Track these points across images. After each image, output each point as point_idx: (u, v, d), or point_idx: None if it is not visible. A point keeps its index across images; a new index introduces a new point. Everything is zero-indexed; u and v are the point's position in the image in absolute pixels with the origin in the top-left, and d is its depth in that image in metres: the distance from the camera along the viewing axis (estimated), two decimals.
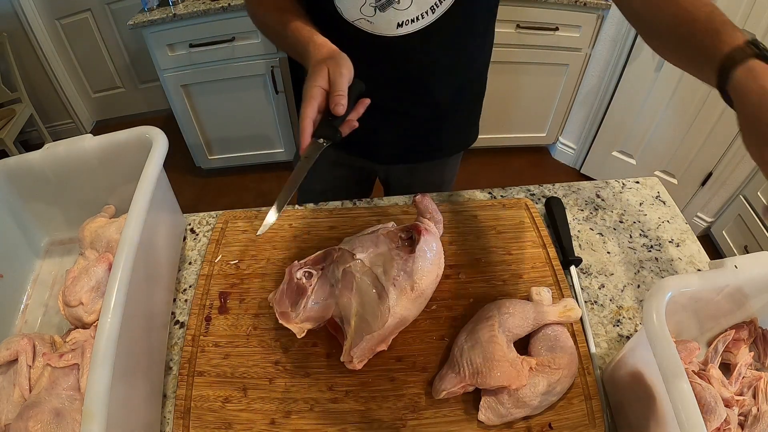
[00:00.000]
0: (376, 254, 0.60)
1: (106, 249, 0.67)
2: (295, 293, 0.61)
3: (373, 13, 0.68)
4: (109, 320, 0.47)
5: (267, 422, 0.57)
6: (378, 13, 0.68)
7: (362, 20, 0.69)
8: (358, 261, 0.59)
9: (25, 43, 2.43)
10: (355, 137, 0.61)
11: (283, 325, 0.60)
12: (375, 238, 0.62)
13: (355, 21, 0.70)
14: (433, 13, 0.68)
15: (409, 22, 0.69)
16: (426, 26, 0.70)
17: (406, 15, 0.68)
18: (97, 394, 0.42)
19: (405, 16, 0.68)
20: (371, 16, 0.69)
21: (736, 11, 1.56)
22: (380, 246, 0.61)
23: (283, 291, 0.61)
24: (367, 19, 0.69)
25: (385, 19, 0.69)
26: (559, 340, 0.59)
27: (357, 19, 0.69)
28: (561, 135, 2.44)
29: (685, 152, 1.97)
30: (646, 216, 0.82)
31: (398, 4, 0.67)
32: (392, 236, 0.62)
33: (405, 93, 0.80)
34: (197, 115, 2.18)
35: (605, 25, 1.94)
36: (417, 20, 0.69)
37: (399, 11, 0.68)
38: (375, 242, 0.61)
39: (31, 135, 2.64)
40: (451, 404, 0.58)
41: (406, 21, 0.69)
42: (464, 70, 0.81)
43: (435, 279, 0.61)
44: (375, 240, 0.62)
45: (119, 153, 0.70)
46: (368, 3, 0.67)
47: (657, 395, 0.48)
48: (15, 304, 0.71)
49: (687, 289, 0.49)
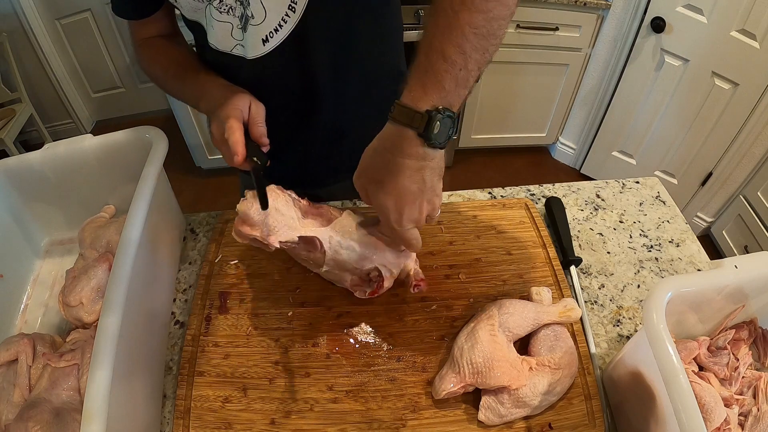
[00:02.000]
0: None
1: (106, 249, 0.67)
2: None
3: (241, 36, 0.63)
4: (109, 320, 0.47)
5: (267, 422, 0.57)
6: (244, 35, 0.63)
7: (238, 46, 0.65)
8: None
9: (25, 43, 2.42)
10: (272, 173, 0.62)
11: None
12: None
13: (231, 50, 0.65)
14: (294, 12, 0.60)
15: (273, 33, 0.62)
16: (292, 31, 0.62)
17: (266, 28, 0.62)
18: (97, 394, 0.42)
19: (265, 29, 0.62)
20: (242, 40, 0.64)
21: (736, 11, 1.56)
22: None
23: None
24: (240, 44, 0.64)
25: (250, 39, 0.63)
26: (559, 340, 0.59)
27: (233, 47, 0.65)
28: (561, 135, 2.44)
29: (685, 152, 1.97)
30: (646, 216, 0.82)
31: (254, 19, 0.61)
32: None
33: (295, 112, 0.73)
34: (197, 115, 2.18)
35: (605, 25, 1.95)
36: (280, 27, 0.62)
37: (257, 26, 0.61)
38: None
39: (31, 135, 2.64)
40: (451, 404, 0.58)
41: (270, 34, 0.62)
42: (358, 66, 0.70)
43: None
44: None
45: (119, 153, 0.70)
46: (236, 26, 0.62)
47: (657, 395, 0.48)
48: (15, 304, 0.71)
49: (687, 289, 0.49)
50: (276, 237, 0.55)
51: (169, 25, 0.74)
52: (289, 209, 0.58)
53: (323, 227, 0.60)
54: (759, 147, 1.73)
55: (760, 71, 1.60)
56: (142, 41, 0.73)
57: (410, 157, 0.47)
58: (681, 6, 1.69)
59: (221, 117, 0.58)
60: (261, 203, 0.54)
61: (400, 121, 0.46)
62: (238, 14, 0.61)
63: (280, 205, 0.57)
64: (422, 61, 0.45)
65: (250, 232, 0.55)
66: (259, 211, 0.55)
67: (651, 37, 1.83)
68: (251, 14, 0.60)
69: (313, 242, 0.59)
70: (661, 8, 1.74)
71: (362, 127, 0.64)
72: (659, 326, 0.44)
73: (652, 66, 1.88)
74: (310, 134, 0.77)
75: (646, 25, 1.80)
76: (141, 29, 0.72)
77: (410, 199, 0.49)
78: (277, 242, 0.55)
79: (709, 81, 1.75)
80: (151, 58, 0.72)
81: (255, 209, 0.55)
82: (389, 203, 0.50)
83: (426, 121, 0.45)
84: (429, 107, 0.45)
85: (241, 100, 0.60)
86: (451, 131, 0.46)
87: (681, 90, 1.85)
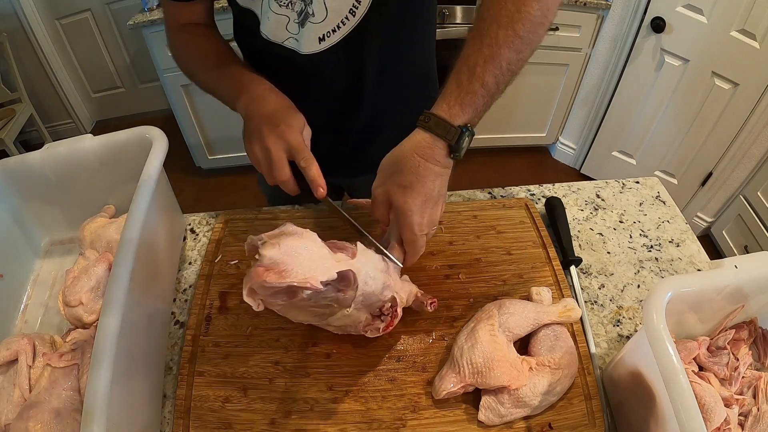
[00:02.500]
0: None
1: (106, 249, 0.67)
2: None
3: (297, 30, 0.65)
4: (109, 320, 0.47)
5: (267, 422, 0.57)
6: (301, 30, 0.64)
7: (290, 39, 0.66)
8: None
9: (25, 43, 2.43)
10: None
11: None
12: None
13: (283, 42, 0.67)
14: (354, 16, 0.63)
15: (331, 33, 0.64)
16: (349, 33, 0.65)
17: (325, 27, 0.64)
18: (97, 394, 0.42)
19: (324, 28, 0.64)
20: (296, 34, 0.65)
21: (736, 11, 1.56)
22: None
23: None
24: (294, 38, 0.66)
25: (306, 35, 0.65)
26: (559, 340, 0.59)
27: (285, 39, 0.66)
28: (561, 135, 2.44)
29: (685, 152, 1.97)
30: (646, 216, 0.82)
31: (314, 17, 0.62)
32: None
33: (339, 108, 0.76)
34: (197, 115, 2.18)
35: (605, 25, 1.95)
36: (338, 29, 0.64)
37: (317, 24, 0.63)
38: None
39: (31, 135, 2.64)
40: (451, 404, 0.58)
41: (327, 33, 0.65)
42: (402, 69, 0.75)
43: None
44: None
45: (119, 153, 0.70)
46: (292, 20, 0.64)
47: (657, 395, 0.48)
48: (15, 304, 0.71)
49: (687, 289, 0.49)
50: (317, 278, 0.47)
51: (206, 13, 0.74)
52: (319, 245, 0.51)
53: (351, 260, 0.53)
54: (759, 147, 1.73)
55: (760, 71, 1.60)
56: (178, 26, 0.72)
57: (438, 164, 0.52)
58: (681, 6, 1.69)
59: (286, 137, 0.58)
60: (355, 229, 0.57)
61: (436, 132, 0.52)
62: (297, 9, 0.62)
63: (309, 242, 0.50)
64: (464, 81, 0.51)
65: (282, 280, 0.46)
66: (291, 251, 0.47)
67: (651, 37, 1.83)
68: (312, 12, 0.62)
69: (347, 279, 0.51)
70: (661, 8, 1.74)
71: (396, 124, 0.70)
72: (659, 326, 0.44)
73: (652, 66, 1.89)
74: (349, 128, 0.79)
75: (646, 25, 1.80)
76: (178, 12, 0.72)
77: (432, 203, 0.54)
78: (319, 283, 0.47)
79: (709, 81, 1.75)
80: (189, 43, 0.71)
81: (285, 250, 0.47)
82: (415, 205, 0.53)
83: (458, 135, 0.51)
84: (461, 123, 0.51)
85: (298, 120, 0.60)
86: (468, 146, 0.53)
87: (681, 90, 1.85)
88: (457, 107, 0.52)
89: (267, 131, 0.58)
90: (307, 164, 0.57)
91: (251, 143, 0.61)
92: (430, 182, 0.53)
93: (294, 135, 0.58)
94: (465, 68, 0.52)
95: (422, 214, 0.53)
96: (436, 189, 0.54)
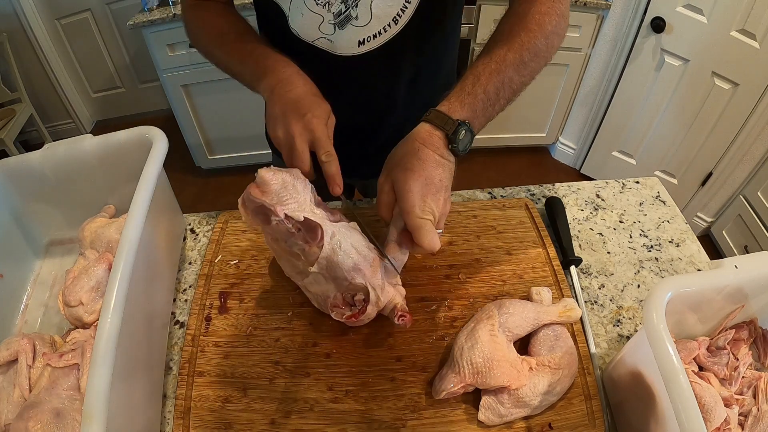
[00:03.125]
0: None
1: (106, 249, 0.67)
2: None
3: (332, 31, 0.64)
4: (109, 320, 0.47)
5: (267, 422, 0.57)
6: (337, 31, 0.64)
7: (322, 39, 0.66)
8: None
9: (25, 43, 2.43)
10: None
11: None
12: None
13: (314, 41, 0.66)
14: (396, 24, 0.64)
15: (371, 38, 0.64)
16: (389, 41, 0.65)
17: (366, 31, 0.64)
18: (97, 394, 0.42)
19: (366, 32, 0.64)
20: (331, 35, 0.65)
21: (736, 11, 1.56)
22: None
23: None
24: (327, 38, 0.65)
25: (344, 37, 0.64)
26: (560, 340, 0.59)
27: (317, 38, 0.66)
28: (561, 135, 2.44)
29: (685, 152, 1.97)
30: (646, 216, 0.82)
31: (357, 20, 0.62)
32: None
33: (369, 111, 0.76)
34: (197, 115, 2.18)
35: (605, 25, 1.95)
36: (379, 35, 0.64)
37: (358, 28, 0.63)
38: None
39: (31, 135, 2.65)
40: (451, 404, 0.58)
41: (368, 38, 0.64)
42: (431, 78, 0.77)
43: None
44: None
45: (119, 153, 0.70)
46: (327, 20, 0.63)
47: (657, 395, 0.48)
48: (15, 304, 0.71)
49: (687, 289, 0.49)
50: (283, 208, 0.54)
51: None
52: (306, 192, 0.57)
53: (328, 221, 0.57)
54: (759, 147, 1.73)
55: (760, 71, 1.60)
56: (194, 2, 0.71)
57: (437, 151, 0.55)
58: (681, 6, 1.69)
59: (311, 128, 0.57)
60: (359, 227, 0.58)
61: (435, 123, 0.56)
62: (334, 10, 0.62)
63: (299, 184, 0.56)
64: (468, 86, 0.57)
65: (260, 196, 0.54)
66: (280, 181, 0.54)
67: (651, 37, 1.83)
68: (356, 15, 0.62)
69: (314, 230, 0.55)
70: (661, 8, 1.74)
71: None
72: (659, 326, 0.44)
73: (652, 66, 1.89)
74: (376, 131, 0.81)
75: (646, 25, 1.80)
76: None
77: (433, 189, 0.54)
78: (283, 213, 0.53)
79: (709, 81, 1.75)
80: (205, 20, 0.70)
81: (276, 178, 0.54)
82: (416, 186, 0.53)
83: (455, 127, 0.55)
84: (459, 118, 0.55)
85: (324, 109, 0.59)
86: (469, 145, 0.56)
87: (681, 90, 1.85)
88: (456, 104, 0.56)
89: (293, 119, 0.57)
90: (329, 160, 0.57)
91: (275, 128, 0.59)
92: (430, 167, 0.54)
93: (320, 126, 0.57)
94: (471, 76, 0.57)
95: (423, 197, 0.53)
96: (437, 176, 0.54)
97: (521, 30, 0.59)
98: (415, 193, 0.52)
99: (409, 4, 0.63)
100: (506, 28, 0.60)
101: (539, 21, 0.59)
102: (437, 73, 0.77)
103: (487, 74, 0.57)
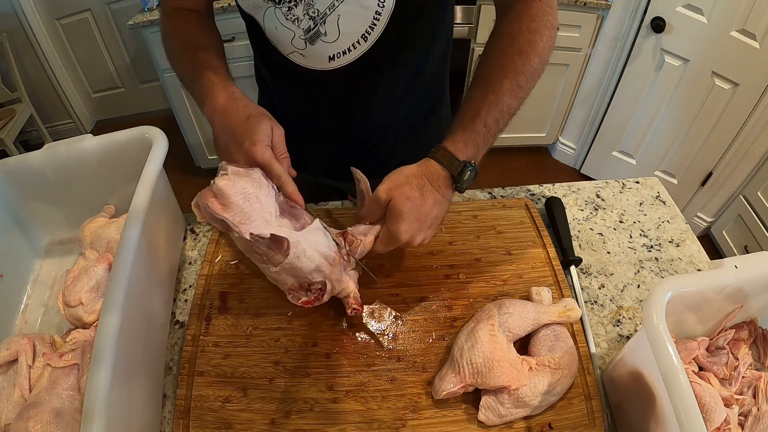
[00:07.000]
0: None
1: (106, 249, 0.67)
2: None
3: (304, 46, 0.64)
4: (109, 320, 0.47)
5: (267, 422, 0.57)
6: (309, 46, 0.64)
7: (295, 53, 0.66)
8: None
9: (25, 43, 2.42)
10: (302, 156, 0.62)
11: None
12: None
13: (289, 54, 0.67)
14: (365, 41, 0.63)
15: (341, 54, 0.65)
16: (360, 57, 0.65)
17: (336, 47, 0.64)
18: (97, 394, 0.42)
19: (335, 48, 0.64)
20: (303, 49, 0.65)
21: (736, 11, 1.56)
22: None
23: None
24: (300, 53, 0.66)
25: (316, 52, 0.65)
26: (559, 340, 0.59)
27: (290, 52, 0.66)
28: (561, 135, 2.44)
29: (685, 152, 1.97)
30: (646, 216, 0.82)
31: (326, 37, 0.62)
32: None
33: (348, 119, 0.76)
34: (197, 115, 2.18)
35: (605, 25, 1.95)
36: (349, 51, 0.64)
37: (328, 44, 0.63)
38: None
39: (31, 135, 2.64)
40: (451, 404, 0.58)
41: (338, 54, 0.65)
42: (413, 84, 0.75)
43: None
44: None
45: (119, 153, 0.70)
46: (298, 36, 0.63)
47: (657, 395, 0.48)
48: (15, 304, 0.71)
49: (687, 289, 0.49)
50: (248, 227, 0.50)
51: (203, 0, 0.71)
52: (270, 203, 0.54)
53: (295, 231, 0.56)
54: (759, 147, 1.73)
55: (760, 71, 1.60)
56: (171, 9, 0.70)
57: (440, 191, 0.58)
58: (681, 6, 1.69)
59: (252, 156, 0.55)
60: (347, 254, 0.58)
61: (443, 163, 0.58)
62: (303, 27, 0.63)
63: (262, 195, 0.53)
64: (467, 122, 0.58)
65: (221, 212, 0.50)
66: (241, 194, 0.50)
67: (651, 37, 1.83)
68: (324, 32, 0.63)
69: (281, 243, 0.54)
70: (661, 8, 1.74)
71: (402, 136, 0.81)
72: (659, 326, 0.44)
73: (652, 66, 1.89)
74: (354, 137, 0.80)
75: (646, 25, 1.80)
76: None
77: (427, 226, 0.58)
78: (248, 234, 0.50)
79: (709, 81, 1.75)
80: (174, 28, 0.69)
81: (236, 189, 0.50)
82: (411, 214, 0.56)
83: (461, 168, 0.57)
84: (465, 158, 0.58)
85: (261, 131, 0.57)
86: (472, 182, 0.59)
87: (681, 90, 1.85)
88: (461, 143, 0.58)
89: (234, 150, 0.57)
90: (281, 183, 0.56)
91: (222, 159, 0.59)
92: (429, 204, 0.57)
93: (259, 152, 0.55)
94: (470, 110, 0.59)
95: (411, 224, 0.56)
96: (433, 213, 0.58)
97: (515, 53, 0.58)
98: (407, 218, 0.56)
99: (378, 22, 0.62)
100: (498, 50, 0.60)
101: (531, 41, 0.59)
102: (418, 78, 0.75)
103: (486, 106, 0.58)
